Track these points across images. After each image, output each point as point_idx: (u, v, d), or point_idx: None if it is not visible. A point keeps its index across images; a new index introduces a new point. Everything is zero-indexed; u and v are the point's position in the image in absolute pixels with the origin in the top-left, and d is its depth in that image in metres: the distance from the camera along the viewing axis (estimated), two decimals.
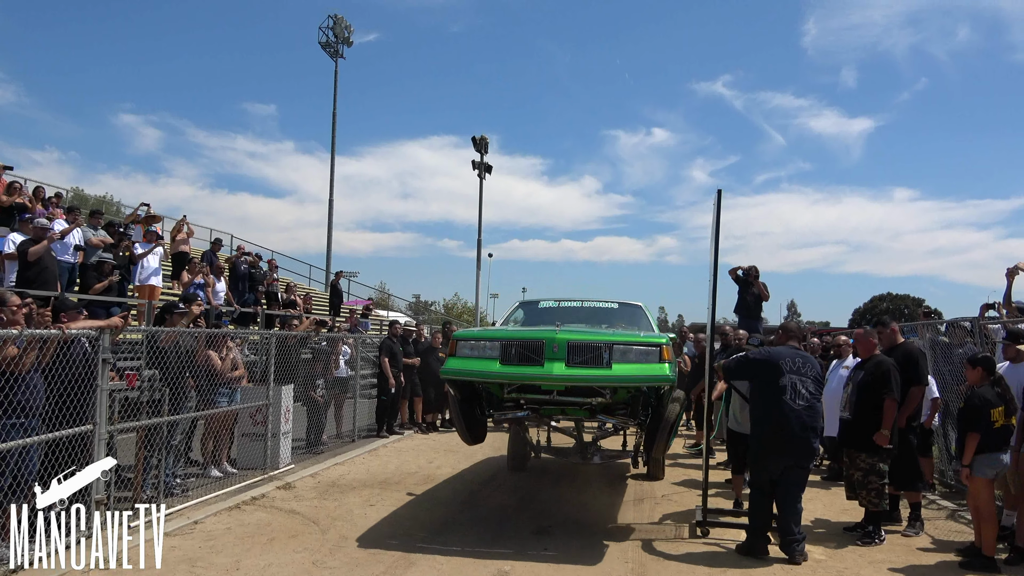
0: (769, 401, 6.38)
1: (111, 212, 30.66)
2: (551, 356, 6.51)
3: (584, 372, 6.48)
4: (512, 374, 6.66)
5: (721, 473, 9.93)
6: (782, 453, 6.27)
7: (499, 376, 6.74)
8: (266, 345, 9.74)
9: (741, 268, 13.52)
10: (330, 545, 6.42)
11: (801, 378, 6.35)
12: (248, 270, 17.01)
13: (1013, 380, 6.59)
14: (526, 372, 6.60)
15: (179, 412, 7.65)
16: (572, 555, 6.32)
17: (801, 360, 6.49)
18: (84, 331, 6.12)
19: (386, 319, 25.66)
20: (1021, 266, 8.49)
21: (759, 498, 6.49)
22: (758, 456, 6.55)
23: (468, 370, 6.89)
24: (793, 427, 6.22)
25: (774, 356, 6.53)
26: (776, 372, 6.37)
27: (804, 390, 6.31)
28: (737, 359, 6.97)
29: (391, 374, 12.92)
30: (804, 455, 6.32)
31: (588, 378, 6.51)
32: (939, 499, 8.60)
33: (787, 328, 7.13)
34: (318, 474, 9.69)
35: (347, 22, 41.04)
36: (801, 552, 6.18)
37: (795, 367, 6.39)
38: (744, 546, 6.47)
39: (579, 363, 6.50)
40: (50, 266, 10.49)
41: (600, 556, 6.33)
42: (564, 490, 8.74)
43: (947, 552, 6.57)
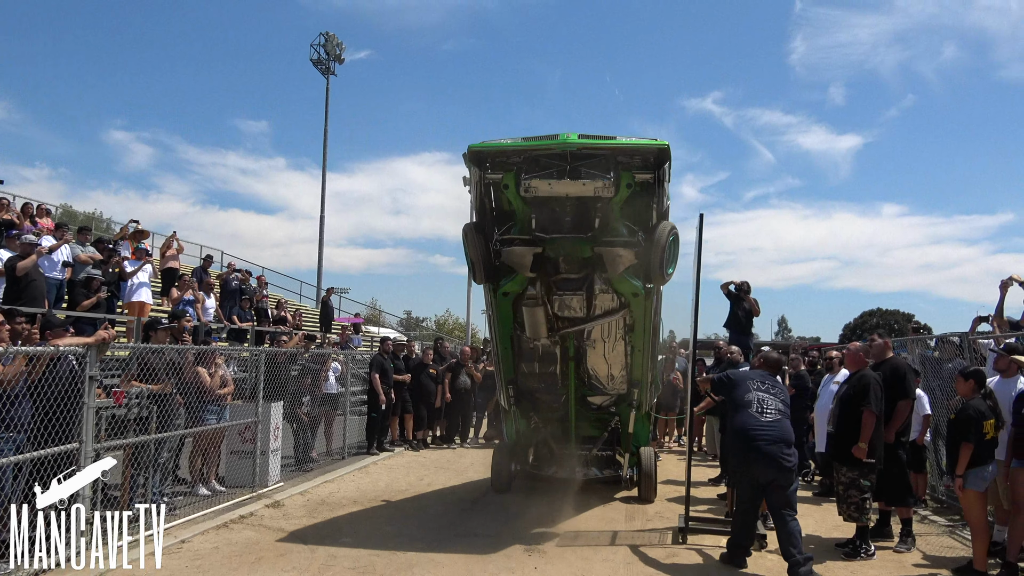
0: (738, 415, 6.59)
1: (100, 229, 30.61)
2: (565, 136, 7.24)
3: (594, 140, 7.22)
4: (533, 143, 7.33)
5: (713, 489, 9.90)
6: (754, 464, 6.33)
7: (521, 146, 7.34)
8: (255, 362, 9.67)
9: (733, 283, 13.53)
10: (319, 564, 6.34)
11: (770, 396, 6.58)
12: (239, 286, 16.96)
13: (1003, 394, 6.62)
14: (545, 143, 7.28)
15: (167, 429, 7.59)
16: (562, 572, 6.28)
17: (771, 383, 6.78)
18: (71, 348, 6.07)
19: (377, 335, 25.59)
20: (1016, 278, 8.51)
21: (740, 513, 6.64)
22: (734, 468, 6.78)
23: (496, 144, 7.44)
24: (761, 439, 6.30)
25: (744, 375, 6.97)
26: (744, 388, 6.67)
27: (771, 407, 6.50)
28: (719, 377, 7.24)
29: (381, 390, 12.86)
30: (779, 470, 6.27)
31: (597, 142, 7.21)
32: (931, 515, 8.58)
33: (766, 358, 7.35)
34: (307, 492, 9.61)
35: (339, 39, 41.19)
36: (808, 575, 6.06)
37: (763, 387, 6.67)
38: (724, 556, 6.61)
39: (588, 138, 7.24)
40: (37, 282, 10.44)
41: (590, 574, 6.29)
42: (555, 508, 8.68)
43: (939, 568, 6.55)
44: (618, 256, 7.61)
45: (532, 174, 7.36)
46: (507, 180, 7.49)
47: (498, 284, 8.19)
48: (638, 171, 7.34)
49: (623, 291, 7.98)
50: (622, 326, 8.41)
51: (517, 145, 7.33)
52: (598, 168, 7.30)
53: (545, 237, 7.76)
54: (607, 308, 8.22)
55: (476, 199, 7.95)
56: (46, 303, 10.56)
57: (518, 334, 8.70)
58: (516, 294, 8.20)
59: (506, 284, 8.12)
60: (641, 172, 7.34)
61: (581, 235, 7.78)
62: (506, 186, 7.52)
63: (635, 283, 7.85)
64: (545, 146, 7.27)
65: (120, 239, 15.08)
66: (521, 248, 7.73)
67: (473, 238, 7.87)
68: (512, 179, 7.44)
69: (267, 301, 19.50)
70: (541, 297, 8.08)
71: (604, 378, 8.97)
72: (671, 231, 7.62)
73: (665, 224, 7.68)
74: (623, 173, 7.31)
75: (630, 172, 7.32)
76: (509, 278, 8.06)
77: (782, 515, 6.27)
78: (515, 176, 7.42)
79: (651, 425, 11.23)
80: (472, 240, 7.87)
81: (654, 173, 7.32)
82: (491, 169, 7.60)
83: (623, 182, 7.33)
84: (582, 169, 7.29)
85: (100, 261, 12.30)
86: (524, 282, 7.98)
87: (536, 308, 8.11)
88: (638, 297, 7.96)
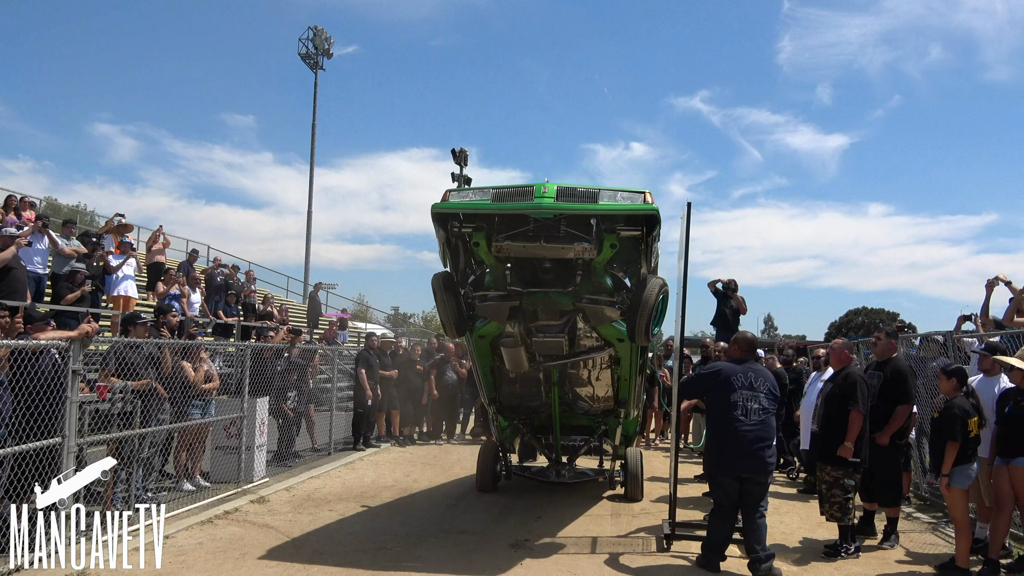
0: (719, 418, 6.30)
1: (85, 222, 30.31)
2: (541, 195, 6.45)
3: (573, 205, 6.44)
4: (503, 206, 6.59)
5: (699, 487, 9.93)
6: (735, 467, 6.19)
7: (490, 208, 6.64)
8: (241, 357, 9.62)
9: (720, 281, 13.64)
10: (304, 560, 6.31)
11: (753, 393, 6.21)
12: (225, 281, 16.86)
13: (986, 392, 6.67)
14: (517, 205, 6.54)
15: (151, 425, 7.53)
16: (548, 569, 6.28)
17: (753, 374, 6.33)
18: (53, 342, 6.01)
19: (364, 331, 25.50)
20: (1002, 277, 8.55)
21: (715, 514, 6.43)
22: (712, 471, 6.53)
23: (461, 203, 6.75)
24: (743, 443, 6.10)
25: (725, 371, 6.38)
26: (726, 388, 6.24)
27: (756, 406, 6.18)
28: (690, 376, 6.86)
29: (368, 386, 12.82)
30: (758, 469, 6.17)
31: (577, 207, 6.46)
32: (914, 512, 8.64)
33: (740, 341, 6.79)
34: (293, 488, 9.56)
35: (327, 34, 41.09)
36: (767, 572, 6.05)
37: (746, 382, 6.25)
38: (700, 559, 6.46)
39: (568, 199, 6.45)
40: (17, 272, 10.33)
41: (575, 570, 6.29)
42: (541, 505, 8.69)
43: (922, 564, 6.60)
44: (602, 313, 7.16)
45: (505, 234, 6.79)
46: (477, 239, 6.86)
47: (473, 327, 7.66)
48: (624, 228, 6.74)
49: (608, 336, 7.50)
50: (607, 358, 8.05)
51: (486, 206, 6.60)
52: (578, 228, 6.77)
53: (522, 291, 7.22)
54: (591, 346, 7.88)
55: (443, 253, 7.38)
56: (28, 295, 10.45)
57: (498, 364, 8.32)
58: (493, 336, 7.76)
59: (481, 327, 7.64)
60: (627, 229, 6.74)
61: (561, 290, 7.21)
62: (476, 244, 6.91)
63: (620, 329, 7.26)
64: (517, 209, 6.57)
65: (105, 233, 14.95)
66: (496, 304, 7.26)
67: (442, 295, 7.22)
68: (482, 238, 6.83)
69: (255, 296, 19.40)
70: (520, 337, 7.55)
71: (589, 398, 8.79)
72: (661, 289, 7.03)
73: (655, 281, 7.03)
74: (606, 235, 6.73)
75: (614, 233, 6.72)
76: (485, 322, 7.59)
77: (752, 511, 6.21)
78: (485, 235, 6.83)
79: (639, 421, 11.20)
80: (441, 297, 7.23)
81: (641, 230, 6.73)
82: (461, 223, 6.98)
83: (606, 243, 6.73)
84: (561, 229, 6.74)
85: (84, 255, 12.19)
86: (501, 326, 7.50)
87: (515, 348, 7.57)
88: (623, 342, 7.44)
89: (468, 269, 7.73)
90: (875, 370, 7.45)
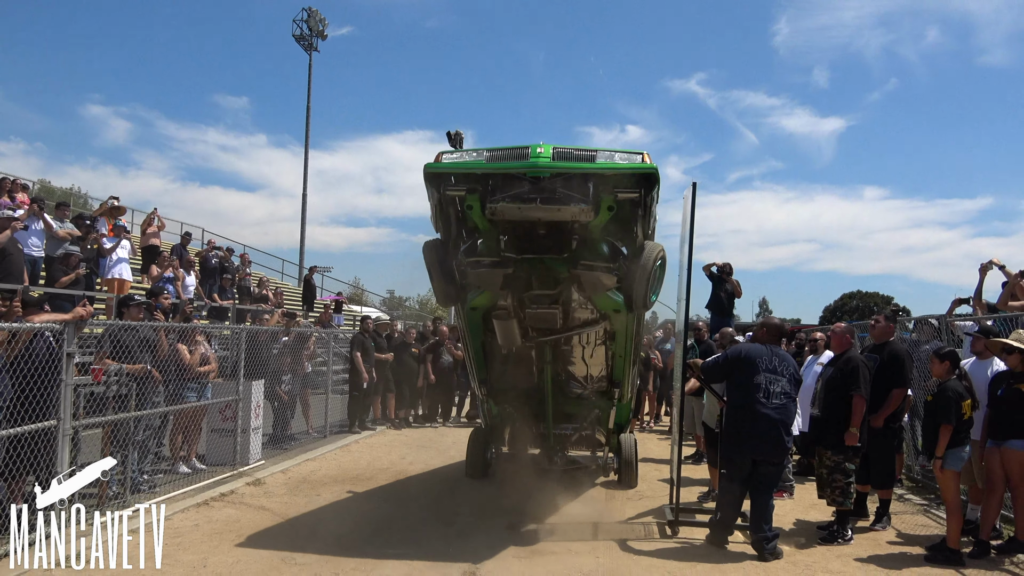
0: (742, 399, 6.38)
1: (79, 205, 30.18)
2: (536, 155, 6.36)
3: (569, 164, 6.35)
4: (498, 165, 6.47)
5: (690, 468, 9.97)
6: (752, 450, 6.27)
7: (485, 168, 6.49)
8: (237, 340, 9.61)
9: (715, 264, 13.61)
10: (300, 541, 6.34)
11: (776, 376, 6.31)
12: (220, 264, 16.81)
13: (979, 375, 6.70)
14: (513, 164, 6.43)
15: (146, 407, 7.53)
16: (543, 552, 6.31)
17: (778, 359, 6.44)
18: (47, 325, 5.99)
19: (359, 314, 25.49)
20: (996, 261, 8.57)
21: (726, 493, 6.53)
22: (729, 452, 6.56)
23: (455, 163, 6.63)
24: (763, 426, 6.20)
25: (751, 353, 6.48)
26: (751, 370, 6.33)
27: (778, 389, 6.27)
28: (714, 359, 6.88)
29: (364, 368, 12.84)
30: (775, 452, 6.30)
31: (574, 166, 6.35)
32: (906, 493, 8.71)
33: (768, 326, 6.99)
34: (289, 470, 9.60)
35: (321, 15, 40.62)
36: (772, 551, 6.17)
37: (771, 366, 6.35)
38: (709, 537, 6.56)
39: (564, 159, 6.37)
40: (14, 256, 10.29)
41: (571, 553, 6.32)
42: (536, 489, 8.72)
43: (913, 545, 6.65)
44: (598, 281, 6.94)
45: (499, 196, 6.55)
46: (471, 201, 6.56)
47: (466, 298, 7.52)
48: (621, 190, 6.54)
49: (603, 307, 7.37)
50: (602, 333, 7.98)
51: (480, 165, 6.47)
52: (575, 189, 6.51)
53: (516, 257, 7.03)
54: (585, 319, 7.77)
55: (436, 218, 7.13)
56: (25, 279, 10.42)
57: (489, 340, 8.22)
58: (486, 308, 7.62)
59: (474, 298, 7.47)
60: (625, 191, 6.54)
61: (557, 255, 7.03)
62: (470, 207, 6.61)
63: (616, 299, 7.13)
64: (513, 168, 6.43)
65: (99, 215, 14.88)
66: (489, 270, 7.01)
67: (434, 262, 7.10)
68: (476, 200, 6.54)
69: (250, 279, 19.36)
70: (513, 309, 7.41)
71: (583, 379, 8.75)
72: (659, 255, 6.92)
73: (653, 246, 6.93)
74: (604, 197, 6.49)
75: (612, 195, 6.50)
76: (477, 292, 7.41)
77: (763, 491, 6.32)
78: (479, 197, 6.58)
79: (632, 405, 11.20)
80: (432, 262, 7.11)
81: (640, 192, 6.55)
82: (453, 185, 6.78)
83: (604, 205, 6.46)
84: (557, 190, 6.49)
85: (78, 237, 12.14)
86: (494, 297, 7.35)
87: (508, 321, 7.43)
88: (619, 313, 7.33)
89: (460, 239, 7.58)
90: (872, 352, 7.49)
